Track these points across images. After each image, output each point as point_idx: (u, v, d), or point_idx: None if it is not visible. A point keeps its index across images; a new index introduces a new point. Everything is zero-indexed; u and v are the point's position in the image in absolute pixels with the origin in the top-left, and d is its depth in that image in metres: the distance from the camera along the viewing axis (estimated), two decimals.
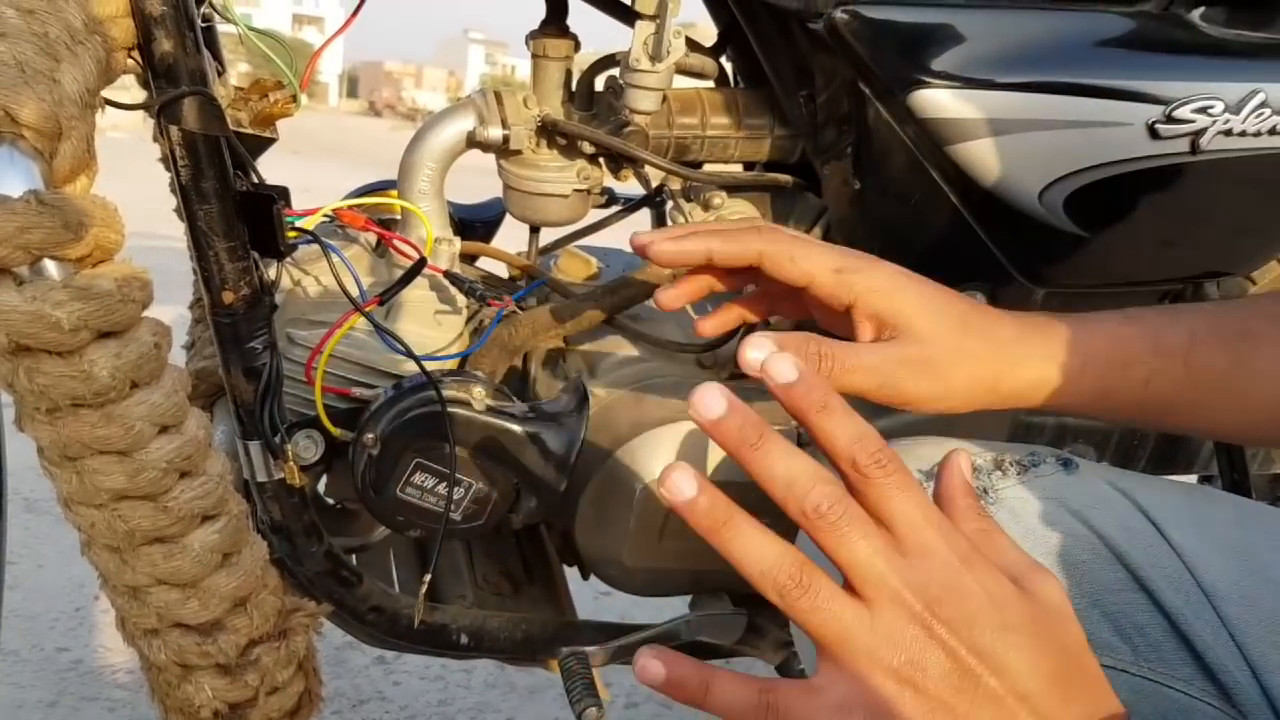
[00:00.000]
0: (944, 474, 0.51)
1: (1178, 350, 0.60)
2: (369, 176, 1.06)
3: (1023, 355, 0.60)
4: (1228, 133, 0.79)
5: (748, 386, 0.86)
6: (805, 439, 0.87)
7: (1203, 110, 0.79)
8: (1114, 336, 0.60)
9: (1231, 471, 0.94)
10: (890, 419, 0.90)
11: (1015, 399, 0.60)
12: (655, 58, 0.77)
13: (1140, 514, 0.59)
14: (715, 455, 0.85)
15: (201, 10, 0.70)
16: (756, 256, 0.61)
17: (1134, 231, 0.86)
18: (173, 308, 0.57)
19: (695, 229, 0.63)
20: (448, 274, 0.82)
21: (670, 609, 0.96)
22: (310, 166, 7.63)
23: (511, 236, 0.98)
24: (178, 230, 0.71)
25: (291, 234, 0.74)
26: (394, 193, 0.88)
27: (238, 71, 0.95)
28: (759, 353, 0.49)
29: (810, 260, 0.60)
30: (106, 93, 0.64)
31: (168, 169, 0.75)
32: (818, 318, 0.65)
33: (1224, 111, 0.79)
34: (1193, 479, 1.05)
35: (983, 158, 0.78)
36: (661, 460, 0.83)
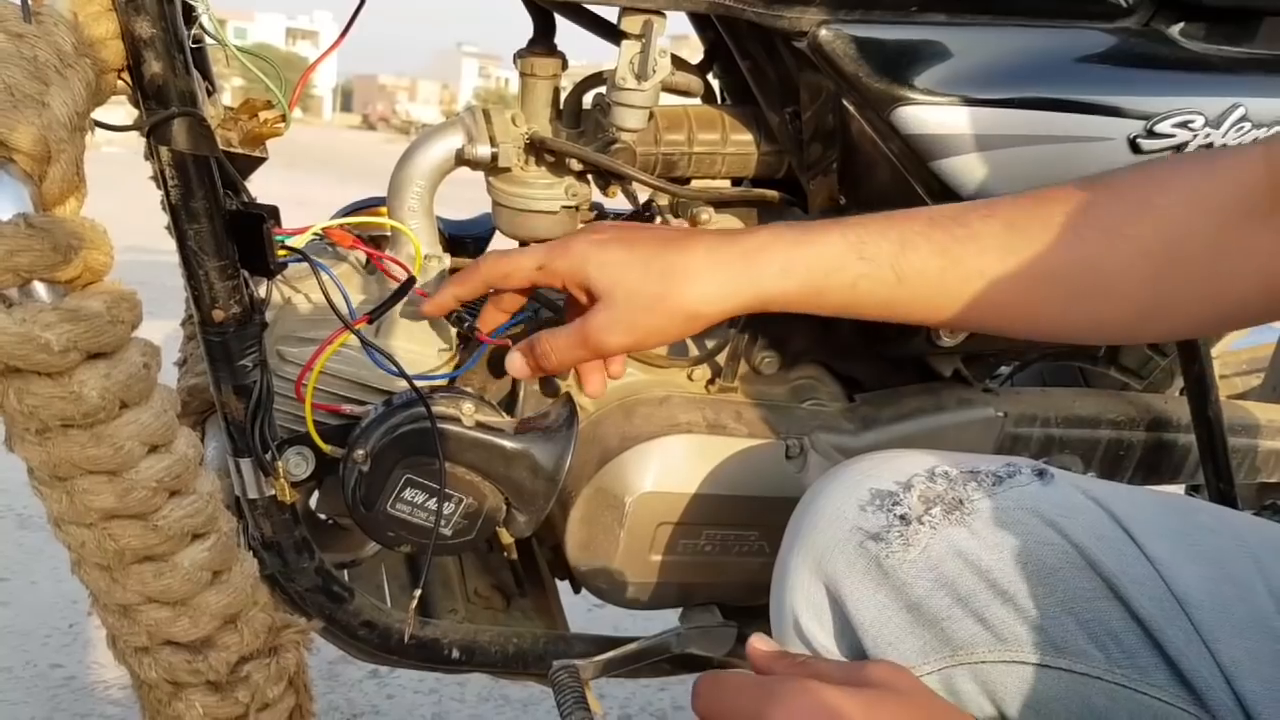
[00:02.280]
0: (751, 656, 0.55)
1: (884, 255, 0.64)
2: (361, 189, 1.06)
3: (710, 277, 0.66)
4: (1209, 146, 0.80)
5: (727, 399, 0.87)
6: (791, 452, 0.87)
7: (1184, 125, 0.80)
8: (819, 244, 0.66)
9: (1218, 481, 0.95)
10: (876, 433, 0.91)
11: (716, 317, 0.67)
12: (641, 76, 0.78)
13: (1114, 523, 0.60)
14: (703, 467, 0.85)
15: (191, 32, 0.71)
16: (484, 286, 0.74)
17: None
18: (166, 322, 0.57)
19: (444, 284, 0.76)
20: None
21: (661, 621, 0.97)
22: (304, 180, 7.64)
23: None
24: (171, 245, 0.71)
25: (281, 252, 0.75)
26: (383, 210, 0.89)
27: (231, 87, 0.95)
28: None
29: (520, 270, 0.71)
30: (96, 114, 0.65)
31: (159, 187, 0.76)
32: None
33: (1205, 125, 0.80)
34: (1180, 489, 1.06)
35: (966, 173, 0.79)
36: (651, 474, 0.84)
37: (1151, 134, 0.79)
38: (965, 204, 0.67)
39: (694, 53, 0.93)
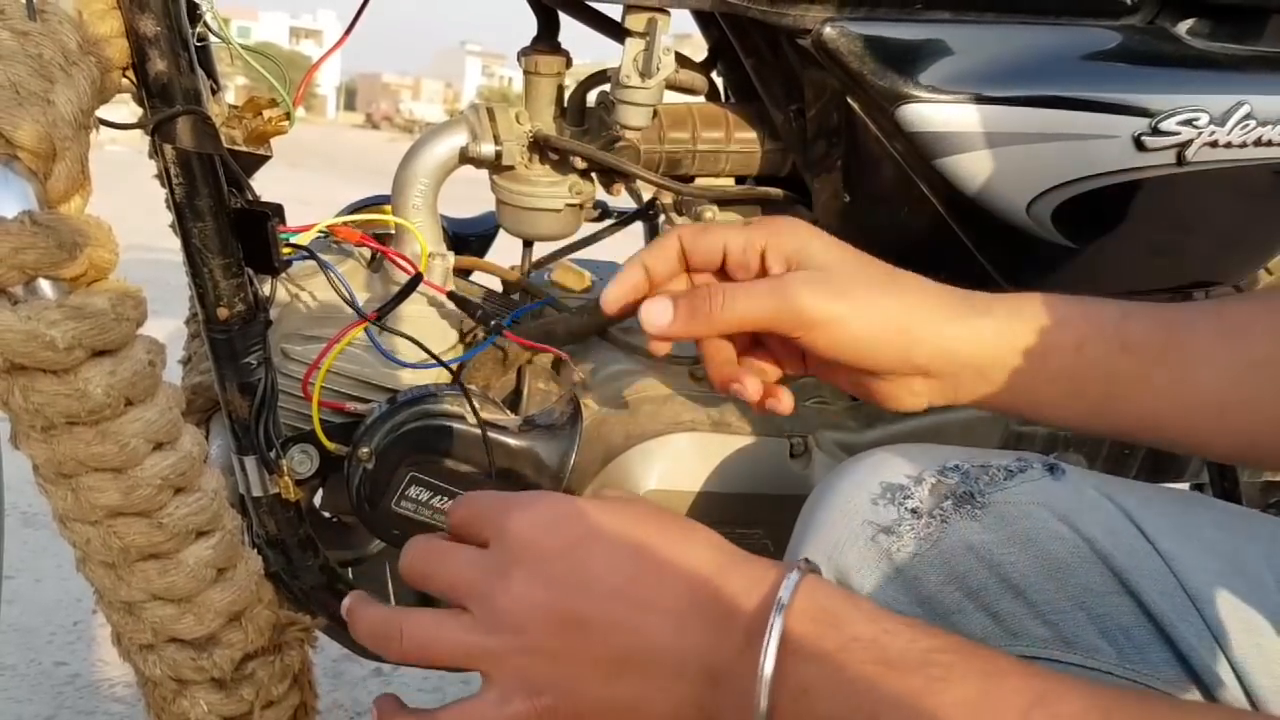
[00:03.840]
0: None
1: (1109, 318, 0.61)
2: (365, 188, 1.07)
3: (937, 294, 0.62)
4: (1214, 144, 0.80)
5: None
6: (795, 450, 0.87)
7: (1188, 122, 0.79)
8: (1043, 301, 0.62)
9: (1222, 480, 0.95)
10: (880, 430, 0.91)
11: (931, 345, 0.61)
12: (645, 74, 0.78)
13: (1126, 518, 0.60)
14: (708, 465, 0.85)
15: (196, 30, 0.71)
16: (676, 242, 0.64)
17: (1122, 242, 0.86)
18: (171, 320, 0.58)
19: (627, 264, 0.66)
20: (449, 293, 0.83)
21: None
22: (307, 179, 7.65)
23: (505, 249, 0.98)
24: (176, 243, 0.71)
25: (286, 250, 0.75)
26: (388, 208, 0.89)
27: (235, 85, 0.96)
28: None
29: (722, 228, 0.63)
30: (101, 112, 0.65)
31: (163, 185, 0.76)
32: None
33: (1209, 123, 0.80)
34: (1184, 488, 1.06)
35: (971, 171, 0.79)
36: (655, 472, 0.84)
37: (1156, 131, 0.79)
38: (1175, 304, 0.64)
39: (697, 50, 0.93)
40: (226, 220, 0.69)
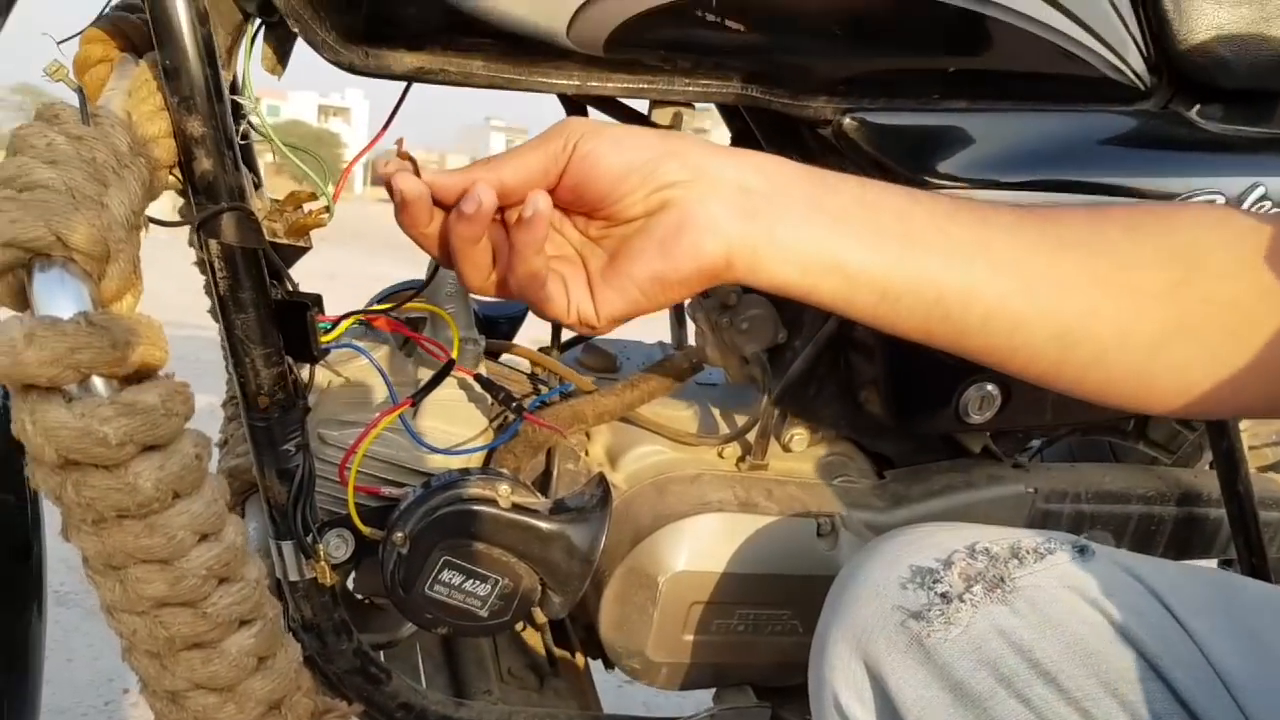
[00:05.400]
0: None
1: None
2: (390, 261, 1.10)
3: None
4: None
5: (759, 476, 0.88)
6: (823, 529, 0.88)
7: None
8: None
9: (1250, 555, 0.94)
10: (907, 510, 0.92)
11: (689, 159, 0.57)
12: None
13: (1155, 600, 0.60)
14: (735, 546, 0.86)
15: (240, 128, 0.74)
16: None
17: None
18: (203, 397, 0.59)
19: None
20: (476, 376, 0.84)
21: (694, 701, 0.97)
22: (335, 253, 7.75)
23: (534, 330, 1.00)
24: (208, 320, 0.73)
25: (325, 338, 0.77)
26: (422, 295, 0.91)
27: (265, 163, 0.99)
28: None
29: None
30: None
31: (202, 272, 0.79)
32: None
33: (1226, 205, 0.81)
34: (1212, 564, 1.05)
35: None
36: (683, 554, 0.85)
37: None
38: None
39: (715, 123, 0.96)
40: (268, 311, 0.71)
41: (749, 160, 0.58)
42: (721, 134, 0.96)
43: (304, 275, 0.85)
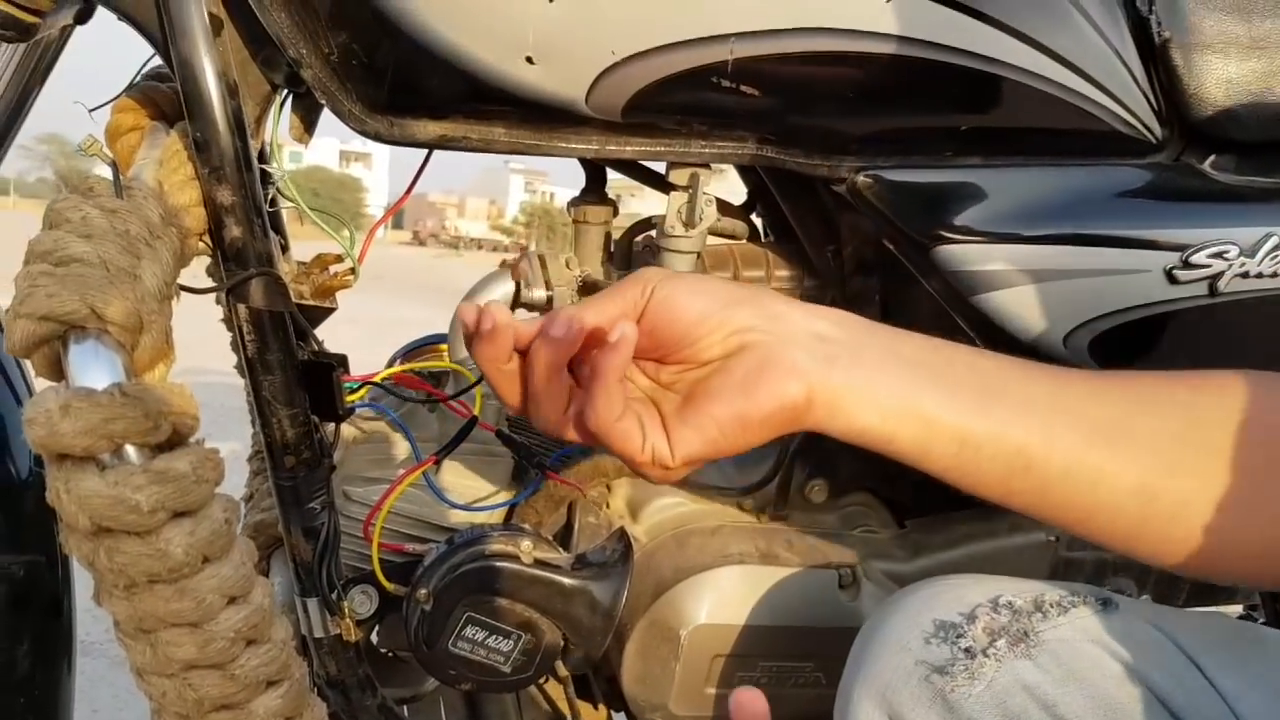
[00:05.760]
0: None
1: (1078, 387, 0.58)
2: (410, 304, 1.11)
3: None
4: (1245, 275, 0.82)
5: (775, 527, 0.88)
6: (844, 581, 0.88)
7: (1219, 255, 0.81)
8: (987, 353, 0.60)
9: (1274, 603, 0.94)
10: (928, 559, 0.92)
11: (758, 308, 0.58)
12: (689, 224, 0.81)
13: (1181, 654, 0.59)
14: (757, 598, 0.86)
15: (268, 195, 0.76)
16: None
17: (1159, 370, 0.88)
18: (223, 444, 0.60)
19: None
20: (497, 432, 0.86)
21: None
22: (355, 297, 7.80)
23: None
24: (227, 366, 0.74)
25: (351, 397, 0.78)
26: (443, 348, 0.93)
27: (287, 210, 1.01)
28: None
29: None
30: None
31: (229, 330, 0.80)
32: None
33: (1239, 255, 0.82)
34: (1237, 609, 1.05)
35: (1007, 306, 0.82)
36: (705, 607, 0.85)
37: (1187, 265, 0.81)
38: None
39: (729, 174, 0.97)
40: (295, 372, 0.73)
41: (821, 310, 0.59)
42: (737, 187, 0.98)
43: (325, 321, 0.87)
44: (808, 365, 0.55)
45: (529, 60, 0.70)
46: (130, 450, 0.54)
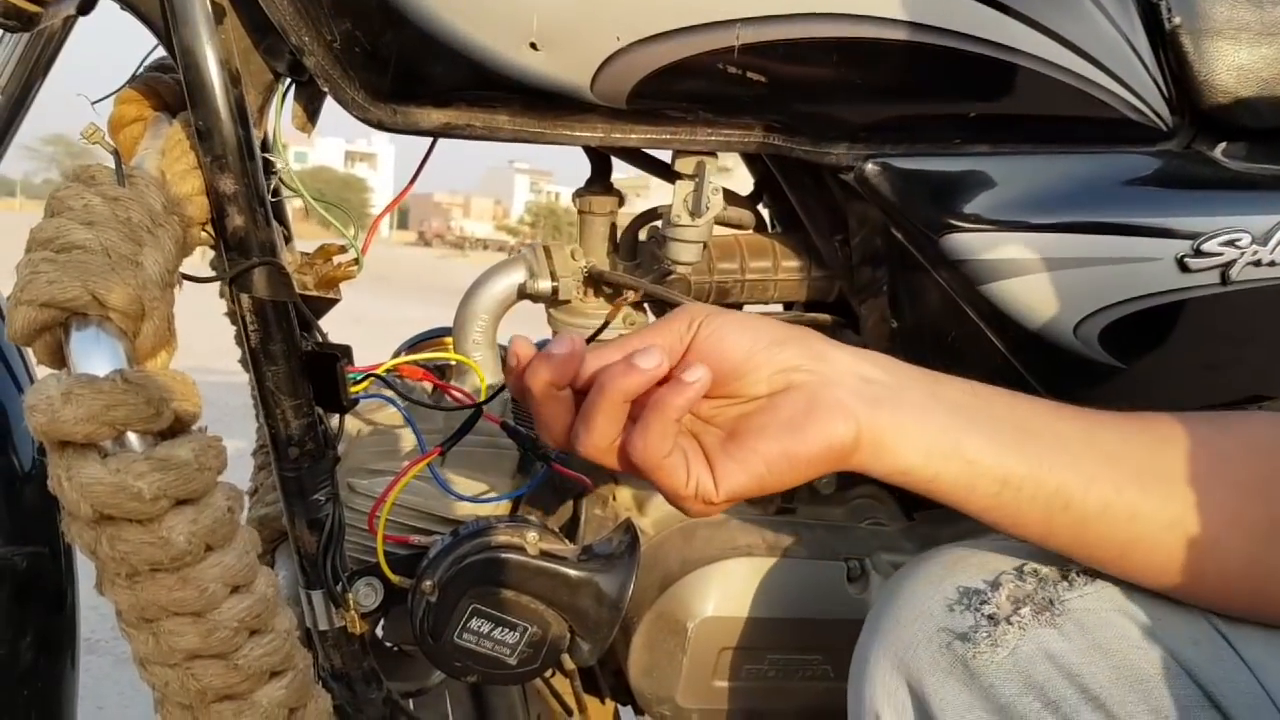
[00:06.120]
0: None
1: (1082, 420, 0.60)
2: (415, 304, 1.11)
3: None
4: (1257, 263, 0.81)
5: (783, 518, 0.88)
6: (853, 573, 0.87)
7: (1230, 243, 0.81)
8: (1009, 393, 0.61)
9: None
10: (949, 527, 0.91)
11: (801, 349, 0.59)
12: (695, 214, 0.81)
13: (1209, 626, 0.58)
14: (765, 590, 0.86)
15: (271, 184, 0.75)
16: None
17: (1171, 360, 0.87)
18: (231, 442, 0.60)
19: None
20: (502, 423, 0.85)
21: None
22: (360, 296, 7.82)
23: None
24: (231, 364, 0.74)
25: (355, 388, 0.78)
26: (448, 341, 0.92)
27: (293, 208, 1.01)
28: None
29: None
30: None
31: (234, 324, 0.80)
32: None
33: (1251, 243, 0.81)
34: None
35: (1016, 295, 0.81)
36: (712, 599, 0.85)
37: (1199, 253, 0.80)
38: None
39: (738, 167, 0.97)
40: (298, 363, 0.72)
41: (864, 353, 0.60)
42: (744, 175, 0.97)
43: (330, 320, 0.86)
44: (855, 406, 0.57)
45: (533, 46, 0.69)
46: (132, 438, 0.53)
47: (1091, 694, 0.56)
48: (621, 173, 0.90)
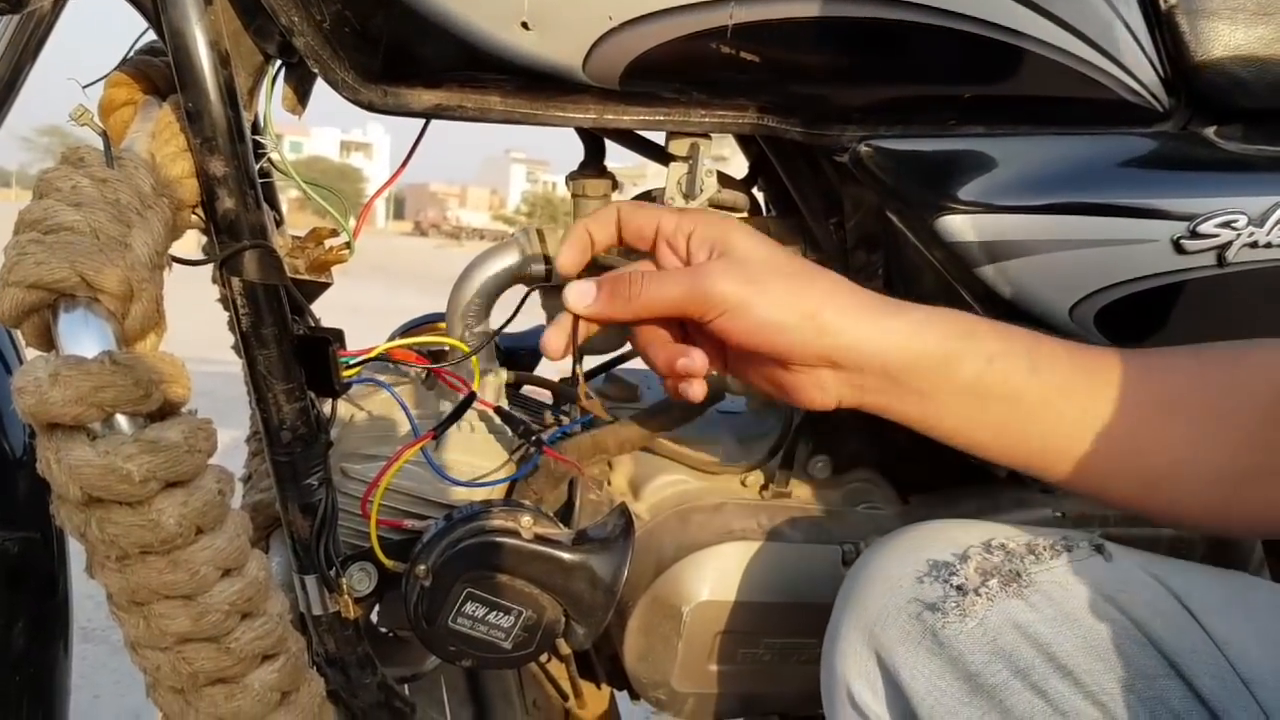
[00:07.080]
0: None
1: (1021, 339, 0.62)
2: (412, 293, 1.11)
3: (850, 290, 0.63)
4: (1253, 245, 0.81)
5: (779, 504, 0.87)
6: (848, 558, 0.87)
7: (1227, 224, 0.80)
8: (956, 314, 0.64)
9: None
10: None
11: (839, 336, 0.61)
12: (689, 196, 0.80)
13: (1175, 600, 0.59)
14: (760, 575, 0.86)
15: (260, 166, 0.75)
16: (615, 212, 0.67)
17: (1166, 341, 0.86)
18: (225, 432, 0.60)
19: (572, 229, 0.68)
20: (496, 408, 0.85)
21: None
22: (357, 286, 7.81)
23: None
24: (227, 355, 0.74)
25: (347, 373, 0.77)
26: (441, 326, 0.92)
27: (287, 198, 1.00)
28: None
29: (657, 209, 0.66)
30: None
31: (226, 309, 0.79)
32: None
33: (1248, 225, 0.80)
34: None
35: (1012, 278, 0.80)
36: (707, 584, 0.84)
37: (1195, 234, 0.80)
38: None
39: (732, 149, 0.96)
40: (290, 347, 0.72)
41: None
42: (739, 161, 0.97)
43: (326, 309, 0.86)
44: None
45: (525, 26, 0.68)
46: (121, 419, 0.53)
47: (1059, 662, 0.57)
48: (619, 161, 0.90)
